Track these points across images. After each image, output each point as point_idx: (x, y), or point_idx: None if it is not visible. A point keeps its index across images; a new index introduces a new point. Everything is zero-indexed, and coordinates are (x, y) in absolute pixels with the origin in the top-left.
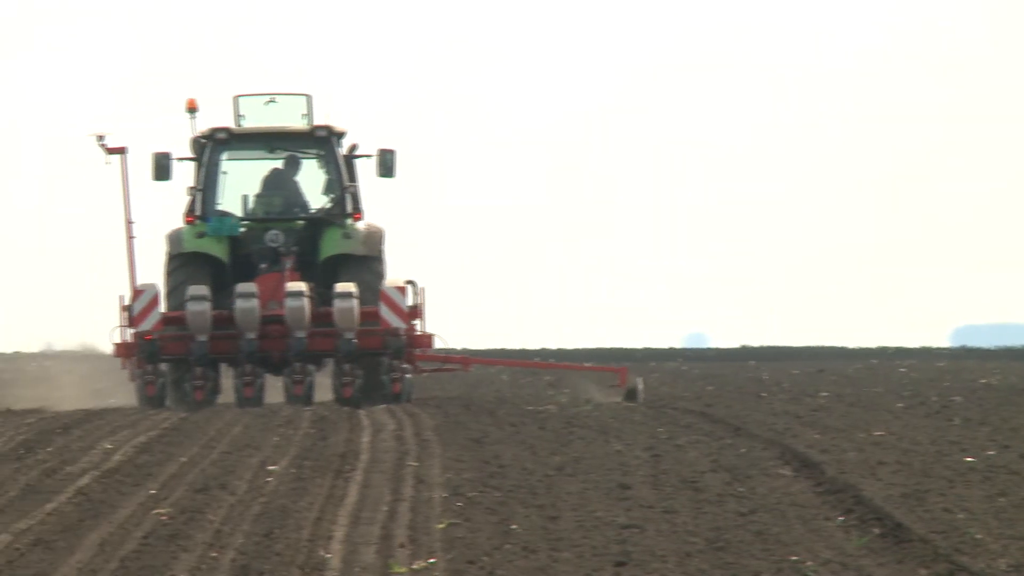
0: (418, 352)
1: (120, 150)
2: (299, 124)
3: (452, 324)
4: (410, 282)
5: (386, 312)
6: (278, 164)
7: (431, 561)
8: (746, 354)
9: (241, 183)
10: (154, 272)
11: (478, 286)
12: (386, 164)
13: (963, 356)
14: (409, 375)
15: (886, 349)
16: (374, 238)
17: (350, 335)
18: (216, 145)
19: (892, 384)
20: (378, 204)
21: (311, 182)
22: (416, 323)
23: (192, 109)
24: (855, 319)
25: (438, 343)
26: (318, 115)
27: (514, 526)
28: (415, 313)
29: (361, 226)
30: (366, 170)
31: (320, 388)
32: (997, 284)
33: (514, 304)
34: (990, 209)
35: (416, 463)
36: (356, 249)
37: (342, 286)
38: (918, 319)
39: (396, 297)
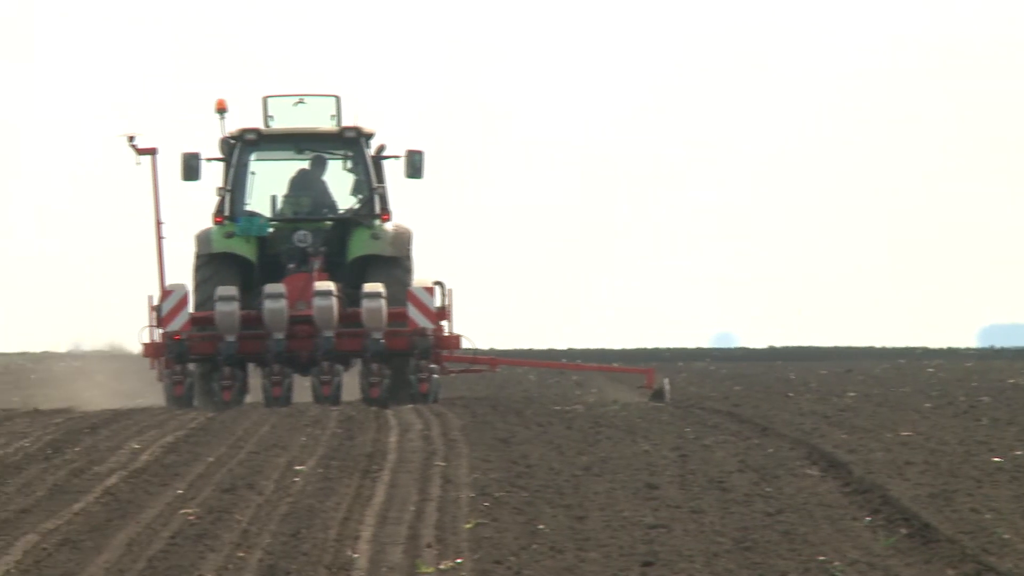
0: (445, 353)
1: (151, 151)
2: (328, 125)
3: (479, 325)
4: (438, 283)
5: (414, 312)
6: (305, 165)
7: (458, 561)
8: (774, 354)
9: (269, 184)
10: (183, 272)
11: (505, 287)
12: (414, 165)
13: (991, 356)
14: (436, 375)
15: (914, 349)
16: (402, 239)
17: (378, 335)
18: (245, 146)
19: (920, 384)
20: (406, 205)
21: (339, 183)
22: (444, 324)
23: (221, 110)
24: (883, 319)
25: (465, 344)
26: (346, 116)
27: (541, 526)
28: (443, 314)
29: (389, 227)
30: (394, 171)
31: (348, 388)
32: None
33: (541, 305)
34: (1019, 208)
35: (443, 463)
36: (384, 250)
37: (370, 286)
38: (946, 319)
39: (424, 297)
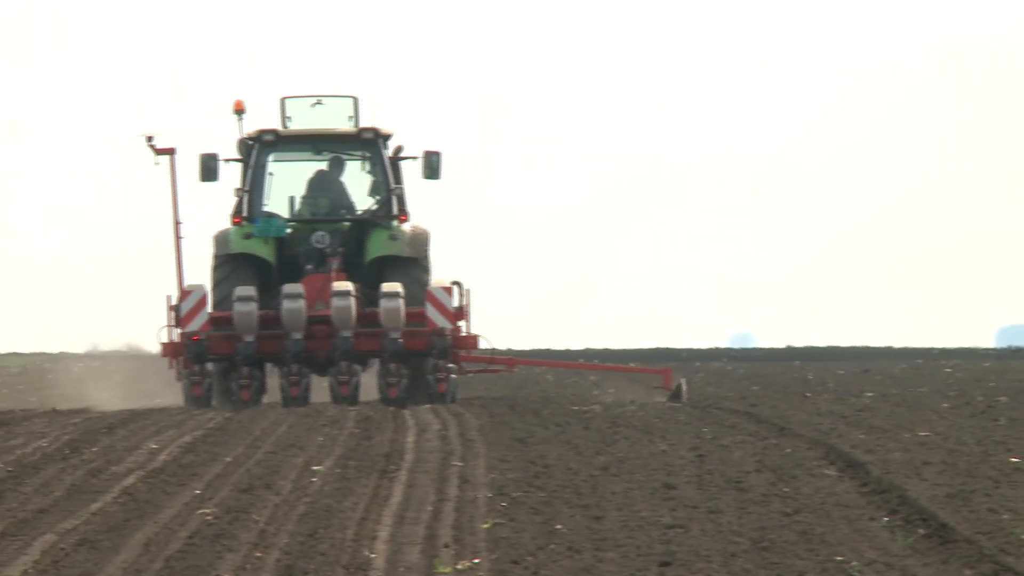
0: (463, 353)
1: (169, 151)
2: (346, 126)
3: (497, 325)
4: (456, 283)
5: (432, 312)
6: (323, 166)
7: (475, 561)
8: (791, 354)
9: (287, 185)
10: (201, 273)
11: (523, 287)
12: (431, 166)
13: (1009, 356)
14: (454, 375)
15: (931, 349)
16: (420, 240)
17: (396, 335)
18: (263, 147)
19: (937, 384)
20: (423, 206)
21: (357, 184)
22: (461, 324)
23: (239, 111)
24: (900, 319)
25: (483, 344)
26: (364, 117)
27: (559, 526)
28: (460, 314)
29: (407, 228)
30: (412, 172)
31: (366, 388)
32: None
33: (559, 305)
34: None
35: (461, 463)
36: (402, 251)
37: (388, 286)
38: (963, 319)
39: (442, 297)
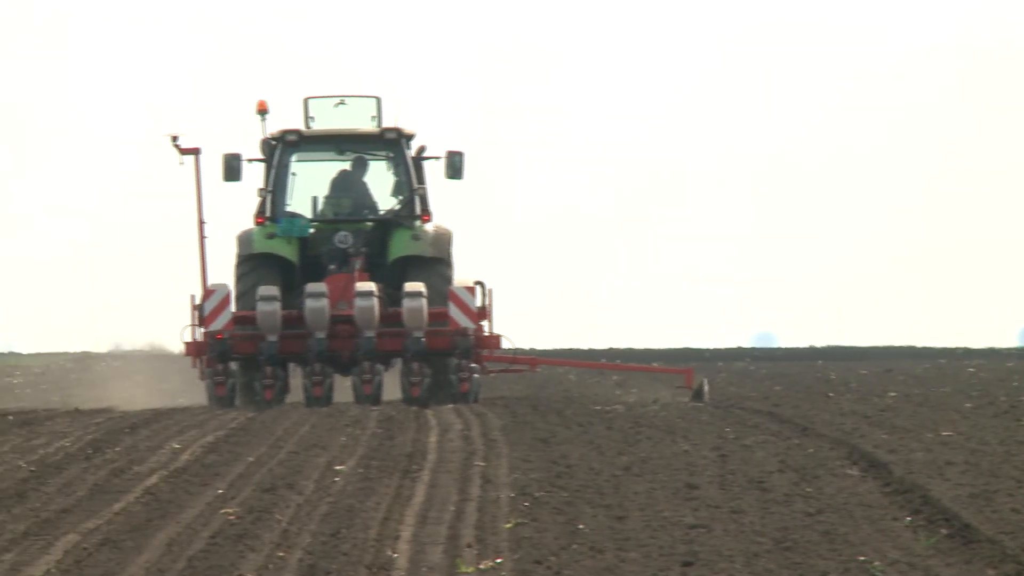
0: (486, 352)
1: (194, 151)
2: (368, 126)
3: (519, 325)
4: (478, 283)
5: (455, 312)
6: (346, 166)
7: (498, 561)
8: (814, 354)
9: (310, 185)
10: (224, 272)
11: (545, 287)
12: (454, 166)
13: None
14: (477, 375)
15: (954, 349)
16: (442, 240)
17: (419, 335)
18: (286, 147)
19: (960, 384)
20: (446, 206)
21: (380, 184)
22: (484, 323)
23: (263, 111)
24: (923, 319)
25: (506, 343)
26: (387, 117)
27: (581, 526)
28: (483, 314)
29: (429, 228)
30: (434, 172)
31: (388, 388)
32: None
33: (582, 305)
34: None
35: (483, 463)
36: (424, 251)
37: (411, 286)
38: (986, 319)
39: (465, 297)
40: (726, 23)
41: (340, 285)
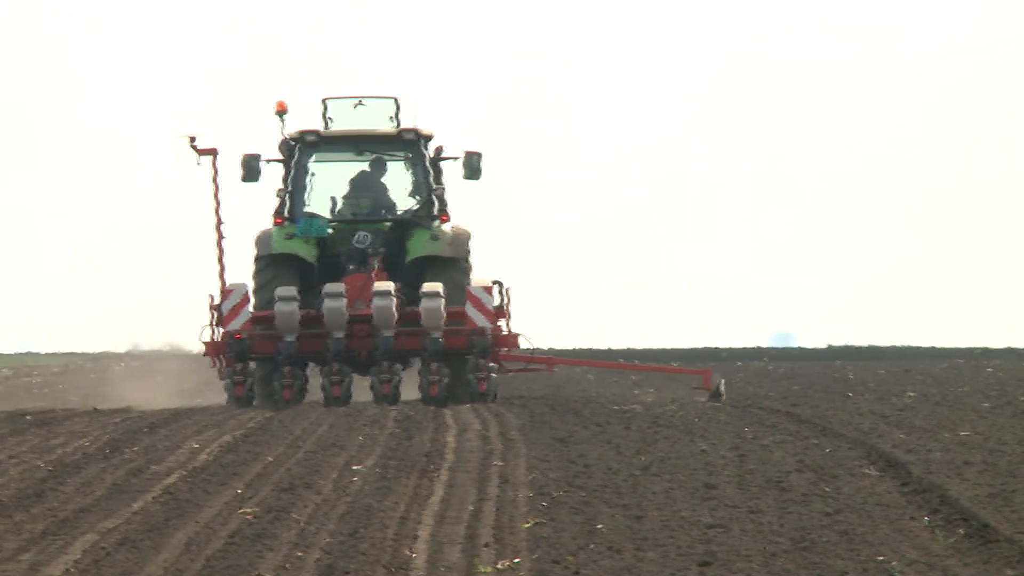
0: (504, 352)
1: (211, 151)
2: (387, 127)
3: (537, 324)
4: (496, 282)
5: (473, 312)
6: (365, 166)
7: (516, 561)
8: (832, 354)
9: (329, 185)
10: (243, 273)
11: (563, 287)
12: (472, 166)
13: None
14: (495, 374)
15: (973, 349)
16: (460, 240)
17: (437, 334)
18: (305, 147)
19: (979, 384)
20: (464, 206)
21: (398, 184)
22: (502, 323)
23: (281, 111)
24: (941, 319)
25: (524, 343)
26: (405, 118)
27: (599, 526)
28: (501, 313)
29: (448, 228)
30: (452, 172)
31: (407, 387)
32: None
33: (600, 304)
34: None
35: (501, 463)
36: (443, 251)
37: (429, 286)
38: (1005, 319)
39: (483, 297)
40: (746, 24)
41: (358, 285)
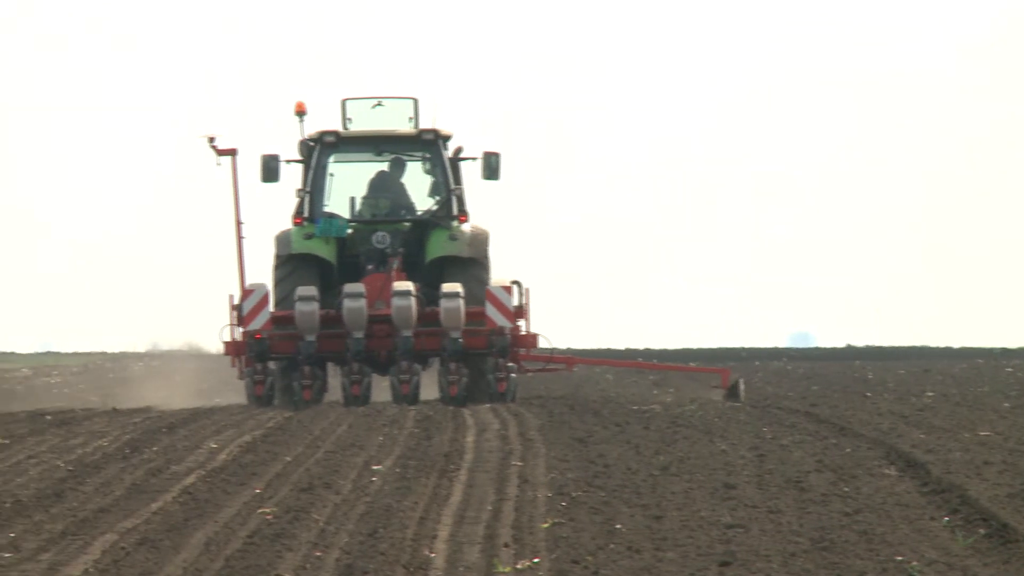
0: (523, 352)
1: (231, 152)
2: (406, 127)
3: (556, 324)
4: (515, 282)
5: (492, 311)
6: (384, 167)
7: (535, 561)
8: (851, 354)
9: (348, 185)
10: (262, 273)
11: (582, 286)
12: (491, 166)
13: None
14: (514, 374)
15: (992, 349)
16: (479, 240)
17: (456, 334)
18: (324, 148)
19: (998, 384)
20: (483, 206)
21: (417, 184)
22: (521, 323)
23: (301, 112)
24: (961, 319)
25: (543, 343)
26: (424, 118)
27: (618, 526)
28: (520, 313)
29: (467, 228)
30: (471, 173)
31: (426, 387)
32: None
33: (619, 304)
34: None
35: (520, 463)
36: (462, 251)
37: (448, 286)
38: None
39: (502, 296)
40: (765, 26)
41: (378, 285)
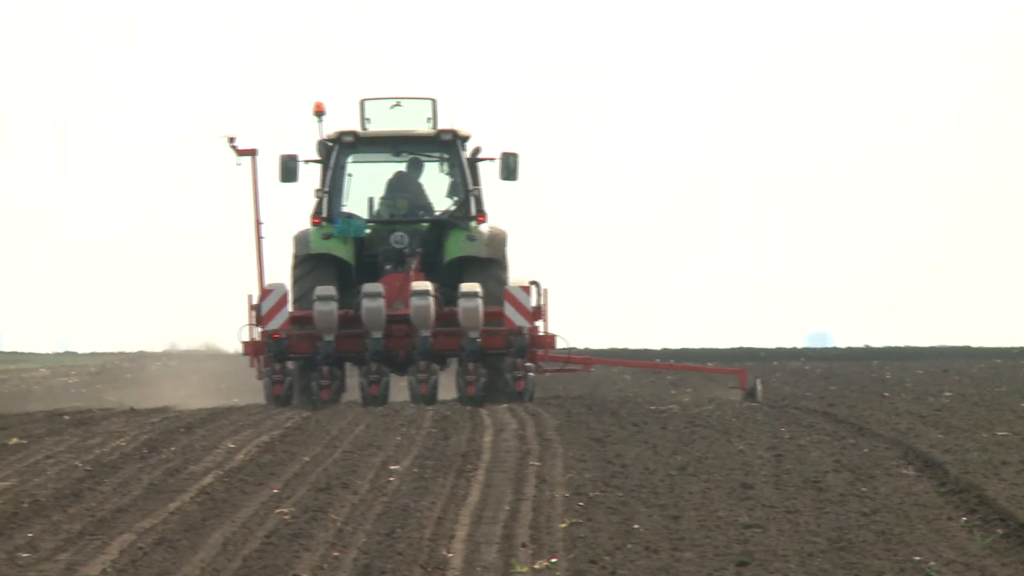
0: (541, 352)
1: (251, 152)
2: (424, 128)
3: (574, 324)
4: (533, 283)
5: (510, 311)
6: (402, 167)
7: (553, 561)
8: (869, 354)
9: (366, 185)
10: (281, 273)
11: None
12: (509, 167)
13: None
14: (532, 374)
15: (1010, 349)
16: (497, 240)
17: (474, 334)
18: (343, 148)
19: (1016, 384)
20: (501, 206)
21: (435, 185)
22: (539, 323)
23: (319, 112)
24: (979, 319)
25: (560, 343)
26: (442, 119)
27: (636, 526)
28: (538, 313)
29: (484, 228)
30: (489, 173)
31: (444, 387)
32: None
33: (636, 305)
34: None
35: (538, 463)
36: (480, 251)
37: (467, 286)
38: None
39: (520, 296)
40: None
41: (396, 285)
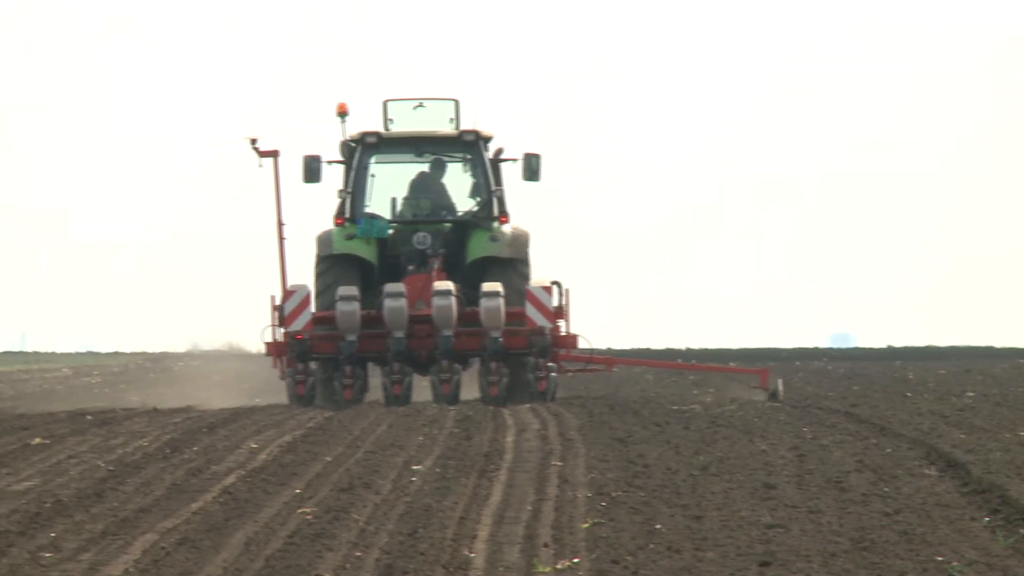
0: (563, 352)
1: (273, 153)
2: (447, 128)
3: (596, 324)
4: (555, 283)
5: (532, 311)
6: (425, 167)
7: (575, 561)
8: (892, 354)
9: (389, 186)
10: (303, 273)
11: (623, 287)
12: (531, 168)
13: None
14: (554, 374)
15: None
16: (520, 241)
17: (496, 334)
18: (365, 149)
19: None
20: (523, 207)
21: (458, 185)
22: (561, 323)
23: (342, 113)
24: (1002, 319)
25: (582, 343)
26: (465, 119)
27: (658, 526)
28: (560, 313)
29: (507, 229)
30: (512, 174)
31: (466, 387)
32: None
33: (659, 305)
34: None
35: (560, 463)
36: (502, 252)
37: (489, 286)
38: None
39: (542, 297)
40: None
41: (418, 285)
